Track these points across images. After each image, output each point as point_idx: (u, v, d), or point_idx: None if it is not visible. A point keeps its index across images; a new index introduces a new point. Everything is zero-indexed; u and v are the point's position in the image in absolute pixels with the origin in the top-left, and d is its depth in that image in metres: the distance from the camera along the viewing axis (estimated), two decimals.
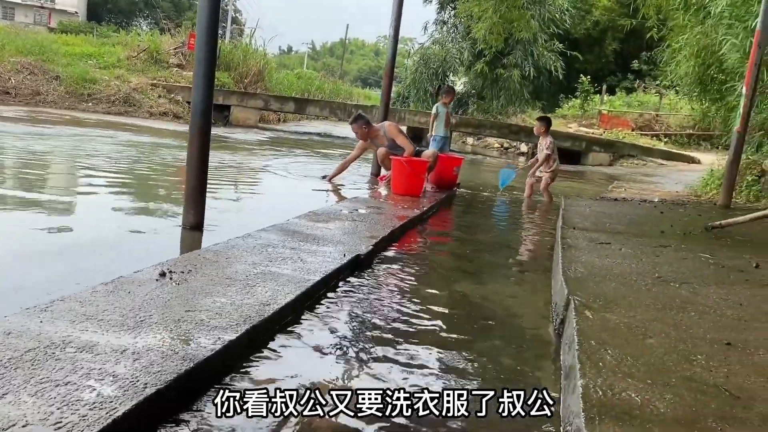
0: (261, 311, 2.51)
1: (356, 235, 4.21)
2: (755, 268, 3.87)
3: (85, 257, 3.59)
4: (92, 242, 3.91)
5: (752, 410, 1.80)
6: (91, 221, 4.64)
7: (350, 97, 33.42)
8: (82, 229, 4.31)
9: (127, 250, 3.86)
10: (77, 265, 3.42)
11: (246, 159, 9.72)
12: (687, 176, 12.49)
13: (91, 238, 4.03)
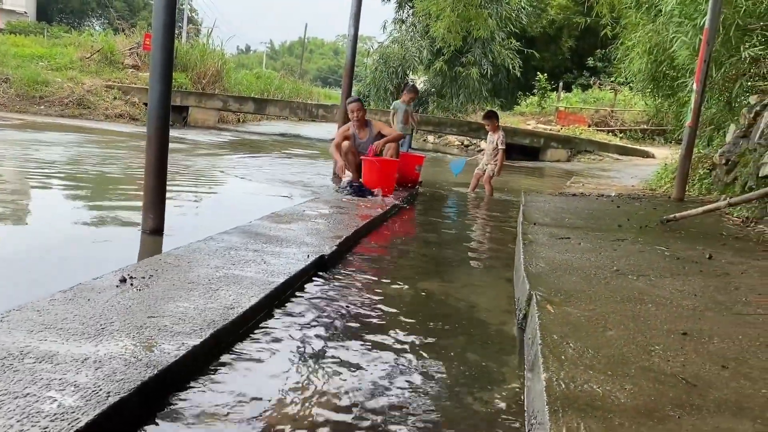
0: (225, 315, 2.49)
1: (320, 235, 4.21)
2: (708, 259, 3.99)
3: (40, 265, 3.50)
4: (47, 250, 3.82)
5: (708, 397, 1.87)
6: (45, 228, 4.52)
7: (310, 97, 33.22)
8: (35, 236, 4.20)
9: (85, 256, 3.78)
10: (32, 273, 3.33)
11: (206, 161, 9.59)
12: (642, 170, 12.80)
13: (46, 245, 3.93)
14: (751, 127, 7.22)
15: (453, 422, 2.03)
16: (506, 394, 2.29)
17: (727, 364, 2.15)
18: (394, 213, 6.12)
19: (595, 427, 1.63)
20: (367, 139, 7.07)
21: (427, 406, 2.13)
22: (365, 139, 7.08)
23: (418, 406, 2.12)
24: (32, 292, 2.80)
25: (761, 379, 2.04)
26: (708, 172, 8.31)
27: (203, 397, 2.05)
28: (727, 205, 5.11)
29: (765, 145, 6.44)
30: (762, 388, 1.97)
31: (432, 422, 2.01)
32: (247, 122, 22.24)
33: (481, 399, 2.23)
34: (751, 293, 3.16)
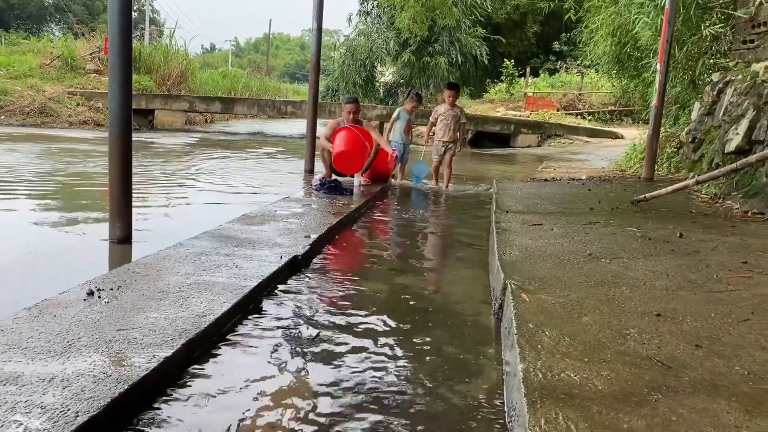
0: (197, 323, 2.44)
1: (292, 235, 4.16)
2: (679, 237, 4.04)
3: (2, 281, 3.40)
4: (10, 264, 3.71)
5: (683, 378, 1.88)
6: (6, 241, 4.40)
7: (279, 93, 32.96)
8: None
9: (51, 270, 3.68)
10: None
11: (174, 164, 9.44)
12: (612, 152, 12.93)
13: (8, 259, 3.82)
14: (714, 105, 7.33)
15: (432, 417, 2.01)
16: (485, 385, 2.28)
17: (701, 343, 2.16)
18: (368, 208, 6.09)
19: (573, 416, 1.63)
20: None
21: (405, 403, 2.11)
22: None
23: (397, 403, 2.10)
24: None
25: (734, 356, 2.06)
26: (675, 151, 8.42)
27: (178, 409, 2.00)
28: (695, 183, 5.18)
29: (729, 122, 6.54)
30: (735, 365, 1.98)
31: (411, 418, 1.99)
32: (215, 122, 21.98)
33: (459, 392, 2.22)
34: (722, 270, 3.20)
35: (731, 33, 8.13)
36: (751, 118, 6.00)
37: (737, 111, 6.48)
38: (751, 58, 7.40)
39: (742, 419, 1.63)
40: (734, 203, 5.45)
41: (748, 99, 6.29)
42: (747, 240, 3.97)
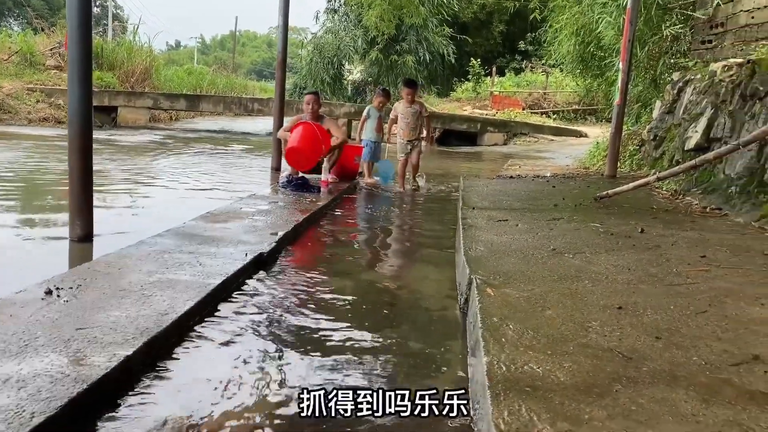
0: (159, 322, 2.40)
1: (258, 232, 4.12)
2: (640, 233, 4.11)
3: None
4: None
5: (643, 369, 1.91)
6: None
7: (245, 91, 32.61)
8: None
9: (8, 269, 3.58)
10: None
11: (138, 161, 9.28)
12: (576, 150, 13.13)
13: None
14: (675, 103, 7.49)
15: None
16: (450, 380, 2.29)
17: (661, 335, 2.21)
18: (335, 206, 6.07)
19: (535, 407, 1.64)
20: None
21: None
22: None
23: None
24: None
25: (692, 347, 2.11)
26: (637, 149, 8.58)
27: (139, 408, 1.97)
28: (656, 179, 5.28)
29: (689, 120, 6.69)
30: (693, 356, 2.03)
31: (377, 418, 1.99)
32: (180, 120, 21.65)
33: (425, 386, 2.21)
34: (681, 264, 3.27)
35: (690, 33, 8.32)
36: (709, 117, 6.15)
37: (696, 109, 6.63)
38: (709, 57, 7.58)
39: (699, 408, 1.67)
40: (693, 199, 5.57)
41: (707, 98, 6.44)
42: (705, 235, 4.07)
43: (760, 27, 6.65)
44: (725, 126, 5.77)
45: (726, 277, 2.99)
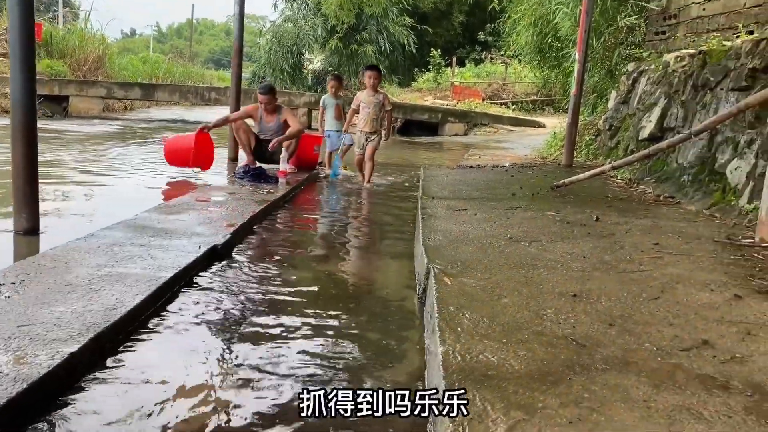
0: (107, 317, 2.32)
1: (212, 224, 4.03)
2: (596, 221, 4.16)
3: None
4: None
5: (596, 356, 1.92)
6: None
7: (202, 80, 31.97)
8: None
9: None
10: None
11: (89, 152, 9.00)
12: (534, 140, 13.27)
13: None
14: (630, 93, 7.62)
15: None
16: (408, 370, 2.28)
17: (614, 322, 2.23)
18: (293, 196, 6.00)
19: (490, 397, 1.64)
20: (273, 124, 6.85)
21: None
22: (271, 124, 6.85)
23: None
24: None
25: (644, 333, 2.13)
26: (593, 138, 8.71)
27: (84, 406, 1.90)
28: (611, 168, 5.36)
29: (643, 110, 6.81)
30: (645, 342, 2.05)
31: None
32: (135, 110, 21.09)
33: (381, 378, 2.20)
34: (635, 251, 3.31)
35: (645, 24, 8.47)
36: (662, 106, 6.27)
37: (650, 99, 6.75)
38: (663, 48, 7.73)
39: (651, 393, 1.68)
40: (647, 188, 5.68)
41: (660, 88, 6.56)
42: (659, 222, 4.14)
43: (711, 19, 6.80)
44: (678, 116, 5.89)
45: (678, 264, 3.05)
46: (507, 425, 1.49)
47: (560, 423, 1.51)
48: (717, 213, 4.41)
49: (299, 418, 1.87)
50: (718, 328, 2.19)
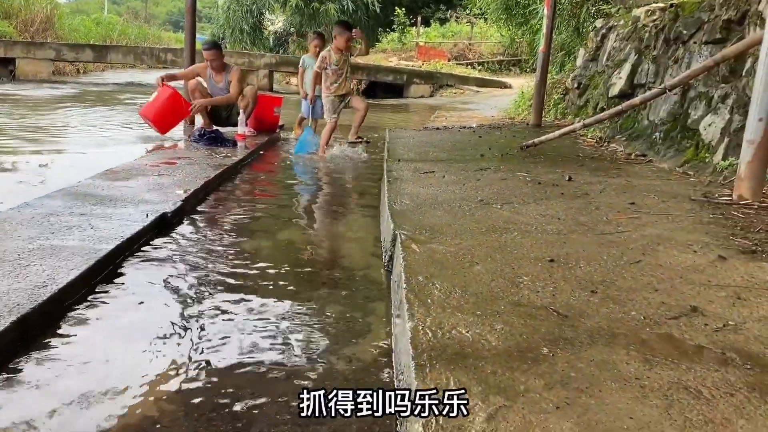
0: (34, 296, 2.06)
1: (163, 191, 3.75)
2: (568, 181, 4.00)
3: None
4: None
5: (580, 328, 1.75)
6: None
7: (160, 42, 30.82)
8: None
9: None
10: None
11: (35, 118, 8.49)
12: (501, 101, 13.07)
13: None
14: (598, 50, 7.43)
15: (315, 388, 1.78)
16: (373, 347, 2.08)
17: (596, 289, 2.06)
18: (252, 161, 5.70)
19: (465, 379, 1.45)
20: (223, 84, 6.47)
21: (285, 372, 1.87)
22: (221, 84, 6.48)
23: (275, 373, 1.86)
24: None
25: (629, 300, 1.96)
26: (561, 97, 8.54)
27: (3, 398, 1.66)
28: (582, 126, 5.20)
29: (612, 67, 6.64)
30: (631, 310, 1.89)
31: (292, 391, 1.75)
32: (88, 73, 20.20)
33: (344, 356, 2.00)
34: (611, 211, 3.16)
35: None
36: (633, 62, 6.10)
37: (620, 56, 6.58)
38: (631, 3, 7.53)
39: (642, 369, 1.51)
40: (618, 146, 5.54)
41: (630, 44, 6.39)
42: (632, 181, 4.00)
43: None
44: (649, 72, 5.73)
45: (656, 224, 2.89)
46: (486, 413, 1.30)
47: (546, 409, 1.32)
48: (690, 171, 4.28)
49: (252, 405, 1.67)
50: (707, 293, 2.03)
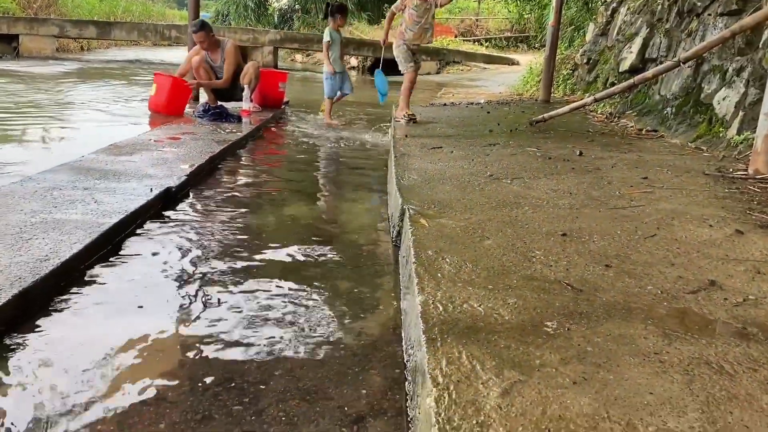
0: (36, 269, 2.02)
1: (167, 165, 3.69)
2: (579, 155, 3.93)
3: None
4: None
5: (595, 302, 1.70)
6: None
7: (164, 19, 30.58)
8: None
9: None
10: None
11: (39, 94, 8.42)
12: (509, 77, 12.90)
13: None
14: (609, 25, 7.30)
15: (324, 363, 1.74)
16: (381, 321, 2.04)
17: (611, 263, 2.00)
18: (257, 137, 5.64)
19: (478, 353, 1.40)
20: (220, 61, 6.35)
21: (293, 348, 1.83)
22: (218, 62, 6.35)
23: (283, 349, 1.82)
24: None
25: (645, 275, 1.91)
26: (571, 73, 8.42)
27: (4, 375, 1.63)
28: (593, 101, 5.09)
29: (623, 41, 6.51)
30: (647, 285, 1.83)
31: (299, 366, 1.72)
32: (92, 50, 20.06)
33: (353, 330, 1.96)
34: (624, 186, 3.09)
35: None
36: (644, 36, 5.98)
37: (631, 30, 6.45)
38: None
39: (661, 344, 1.47)
40: (629, 121, 5.45)
41: (642, 17, 6.26)
42: (644, 156, 3.92)
43: None
44: (661, 45, 5.62)
45: (671, 199, 2.83)
46: (501, 388, 1.26)
47: (563, 384, 1.28)
48: (703, 146, 4.20)
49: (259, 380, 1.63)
50: (725, 267, 1.98)
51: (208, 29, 6.12)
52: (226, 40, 6.39)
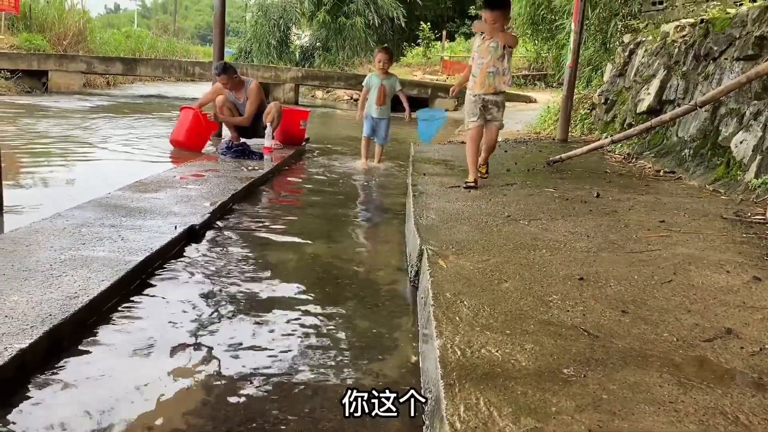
0: (66, 307, 2.09)
1: (191, 203, 3.79)
2: (596, 197, 3.96)
3: None
4: None
5: (611, 349, 1.72)
6: None
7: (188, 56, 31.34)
8: None
9: None
10: None
11: (66, 128, 8.66)
12: (526, 115, 13.00)
13: None
14: (626, 66, 7.38)
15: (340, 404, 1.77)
16: (400, 363, 2.07)
17: (627, 309, 2.03)
18: (278, 174, 5.74)
19: (496, 400, 1.43)
20: (243, 99, 6.51)
21: (311, 387, 1.87)
22: (242, 100, 6.52)
23: (301, 390, 1.85)
24: None
25: (661, 321, 1.93)
26: (588, 112, 8.48)
27: (35, 410, 1.68)
28: (611, 142, 5.15)
29: (641, 82, 6.58)
30: (663, 332, 1.85)
31: (319, 407, 1.75)
32: (117, 85, 20.58)
33: (371, 372, 1.99)
34: (641, 229, 3.11)
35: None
36: (661, 78, 6.04)
37: (648, 71, 6.52)
38: (660, 19, 7.48)
39: (677, 393, 1.48)
40: (646, 163, 5.48)
41: (659, 59, 6.33)
42: (661, 198, 3.95)
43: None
44: (678, 87, 5.67)
45: (688, 243, 2.85)
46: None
47: (578, 431, 1.30)
48: (721, 188, 4.22)
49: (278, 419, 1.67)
50: (741, 315, 1.99)
51: (231, 72, 6.30)
52: (250, 80, 6.57)
